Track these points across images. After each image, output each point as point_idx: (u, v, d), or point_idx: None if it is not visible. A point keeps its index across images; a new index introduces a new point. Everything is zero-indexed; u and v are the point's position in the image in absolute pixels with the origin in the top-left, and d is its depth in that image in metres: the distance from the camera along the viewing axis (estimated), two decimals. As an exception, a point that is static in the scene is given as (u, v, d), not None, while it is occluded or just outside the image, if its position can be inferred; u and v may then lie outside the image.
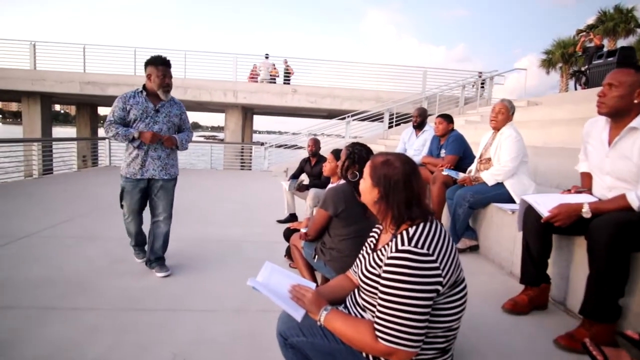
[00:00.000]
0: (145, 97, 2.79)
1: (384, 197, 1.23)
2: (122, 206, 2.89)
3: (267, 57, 14.55)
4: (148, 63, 2.76)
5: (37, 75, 13.37)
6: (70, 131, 47.07)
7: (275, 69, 14.61)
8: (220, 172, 10.97)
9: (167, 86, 2.78)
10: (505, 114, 3.12)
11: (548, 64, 21.93)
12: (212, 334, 2.05)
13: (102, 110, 21.29)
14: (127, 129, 2.73)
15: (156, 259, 2.89)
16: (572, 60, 19.60)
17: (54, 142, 9.79)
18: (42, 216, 4.40)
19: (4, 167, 7.81)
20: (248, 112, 17.42)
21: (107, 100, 15.43)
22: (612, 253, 1.72)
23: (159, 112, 2.82)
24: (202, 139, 34.52)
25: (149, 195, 2.89)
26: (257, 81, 14.33)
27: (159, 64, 2.75)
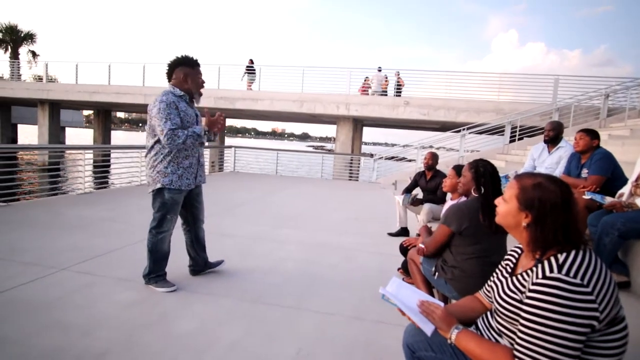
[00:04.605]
0: (187, 101, 2.63)
1: (538, 222, 1.16)
2: (162, 220, 2.62)
3: (379, 70, 14.71)
4: (180, 64, 2.59)
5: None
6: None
7: (387, 80, 14.66)
8: (330, 182, 11.37)
9: (202, 87, 2.68)
10: None
11: None
12: (331, 336, 2.16)
13: (228, 122, 24.00)
14: (192, 128, 2.53)
15: (206, 262, 2.96)
16: None
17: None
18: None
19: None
20: (358, 124, 17.77)
21: (234, 113, 17.34)
22: None
23: (198, 117, 2.70)
24: (311, 148, 36.31)
25: (186, 203, 2.74)
26: (368, 93, 14.57)
27: (196, 65, 2.62)
